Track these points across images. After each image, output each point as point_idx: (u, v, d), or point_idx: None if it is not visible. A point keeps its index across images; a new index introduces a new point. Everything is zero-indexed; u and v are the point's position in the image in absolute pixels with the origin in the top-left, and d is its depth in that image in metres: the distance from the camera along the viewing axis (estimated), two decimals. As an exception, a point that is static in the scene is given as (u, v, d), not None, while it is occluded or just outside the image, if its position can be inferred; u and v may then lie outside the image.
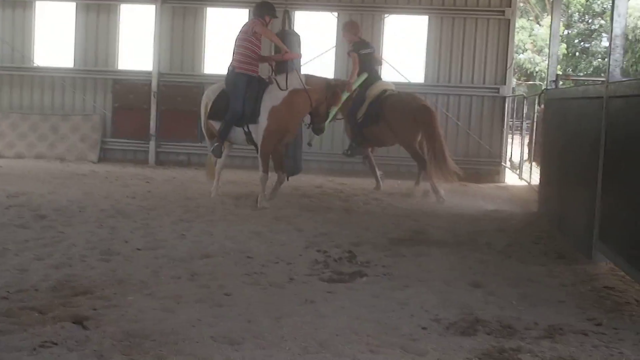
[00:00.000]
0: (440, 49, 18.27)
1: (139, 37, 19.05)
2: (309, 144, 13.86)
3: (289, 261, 8.05)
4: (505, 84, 18.07)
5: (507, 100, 18.06)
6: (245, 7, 18.44)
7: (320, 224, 10.45)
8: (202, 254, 8.17)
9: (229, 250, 8.45)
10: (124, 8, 19.02)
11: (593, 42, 38.46)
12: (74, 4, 19.02)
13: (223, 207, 11.63)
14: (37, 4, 19.18)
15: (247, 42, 12.11)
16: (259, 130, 12.08)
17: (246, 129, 12.18)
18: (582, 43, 39.08)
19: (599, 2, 37.74)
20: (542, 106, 14.81)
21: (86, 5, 18.93)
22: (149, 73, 18.67)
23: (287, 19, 14.38)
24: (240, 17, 18.60)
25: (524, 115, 17.14)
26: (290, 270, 7.64)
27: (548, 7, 36.99)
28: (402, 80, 18.23)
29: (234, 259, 8.02)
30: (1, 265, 7.27)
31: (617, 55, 7.90)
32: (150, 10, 18.79)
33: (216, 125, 12.32)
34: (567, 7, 34.10)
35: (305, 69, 17.76)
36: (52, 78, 19.05)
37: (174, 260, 7.81)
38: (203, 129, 13.16)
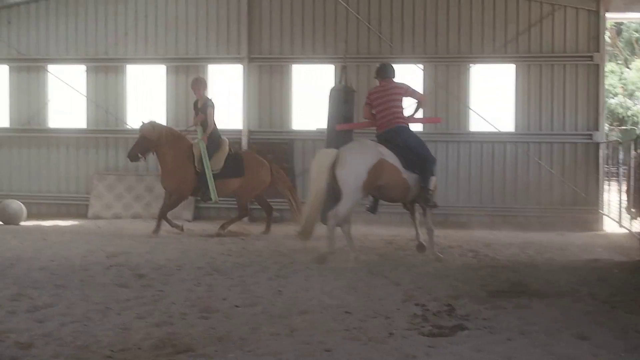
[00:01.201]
0: (529, 97, 18.13)
1: (227, 96, 19.40)
2: None
3: (388, 315, 7.95)
4: (598, 129, 17.78)
5: (600, 146, 17.74)
6: (330, 62, 18.61)
7: (417, 277, 10.34)
8: (300, 310, 8.14)
9: (326, 305, 8.40)
10: (212, 68, 19.40)
11: (687, 83, 37.59)
12: (164, 67, 19.50)
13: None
14: (128, 67, 19.72)
15: (400, 102, 12.35)
16: (432, 181, 12.38)
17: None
18: (675, 84, 38.22)
19: (689, 42, 36.99)
20: (638, 151, 14.48)
21: (175, 67, 19.38)
22: (238, 131, 18.96)
23: (345, 75, 14.37)
24: (324, 73, 18.82)
25: (620, 161, 16.74)
26: (390, 325, 7.54)
27: (637, 49, 36.41)
28: (491, 129, 18.11)
29: (332, 315, 7.96)
30: (104, 324, 7.37)
31: None
32: (237, 69, 19.13)
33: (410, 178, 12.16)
34: (657, 49, 33.52)
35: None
36: (145, 139, 19.46)
37: (273, 317, 7.80)
38: (357, 189, 11.80)
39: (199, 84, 15.68)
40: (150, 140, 15.24)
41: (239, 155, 15.81)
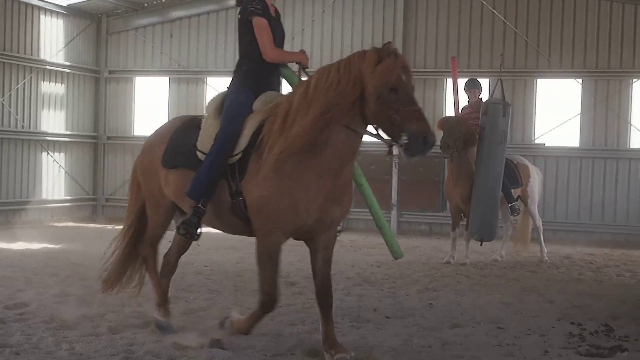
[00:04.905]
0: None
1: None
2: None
3: (542, 333, 7.74)
4: None
5: None
6: (485, 77, 18.33)
7: (572, 295, 10.04)
8: (452, 324, 8.04)
9: (478, 320, 8.27)
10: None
11: None
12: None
13: (469, 277, 11.47)
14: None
15: None
16: None
17: None
18: None
19: None
20: None
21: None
22: (389, 144, 18.89)
23: (501, 88, 13.89)
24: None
25: None
26: (544, 343, 7.34)
27: None
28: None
29: (485, 330, 7.82)
30: (258, 329, 7.46)
31: None
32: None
33: None
34: None
35: (549, 137, 17.55)
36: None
37: (424, 329, 7.73)
38: None
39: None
40: None
41: None
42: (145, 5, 20.90)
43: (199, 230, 6.93)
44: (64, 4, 19.95)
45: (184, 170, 6.94)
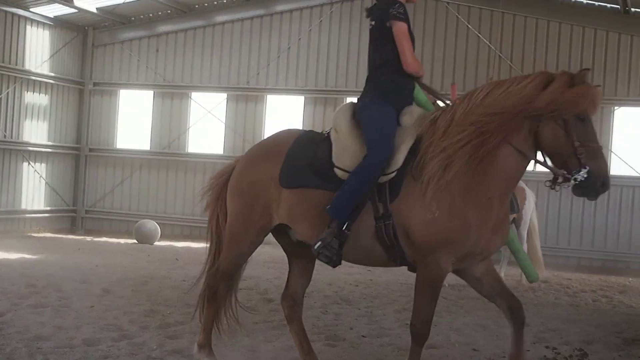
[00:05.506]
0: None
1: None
2: None
3: (517, 356, 7.76)
4: None
5: None
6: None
7: (547, 319, 10.08)
8: (428, 345, 7.99)
9: (454, 341, 8.30)
10: (350, 100, 19.50)
11: None
12: (302, 97, 19.78)
13: (446, 298, 11.48)
14: (268, 97, 20.10)
15: None
16: None
17: None
18: None
19: None
20: None
21: (314, 99, 19.63)
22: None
23: None
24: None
25: None
26: (518, 366, 7.36)
27: None
28: (633, 174, 17.57)
29: (460, 351, 7.86)
30: (233, 345, 7.48)
31: None
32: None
33: None
34: None
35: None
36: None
37: (399, 349, 7.75)
38: None
39: None
40: None
41: None
42: (132, 19, 20.94)
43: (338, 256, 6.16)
44: (51, 15, 19.96)
45: (312, 190, 6.19)
